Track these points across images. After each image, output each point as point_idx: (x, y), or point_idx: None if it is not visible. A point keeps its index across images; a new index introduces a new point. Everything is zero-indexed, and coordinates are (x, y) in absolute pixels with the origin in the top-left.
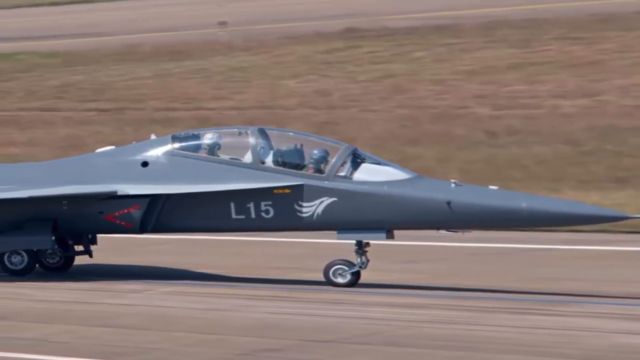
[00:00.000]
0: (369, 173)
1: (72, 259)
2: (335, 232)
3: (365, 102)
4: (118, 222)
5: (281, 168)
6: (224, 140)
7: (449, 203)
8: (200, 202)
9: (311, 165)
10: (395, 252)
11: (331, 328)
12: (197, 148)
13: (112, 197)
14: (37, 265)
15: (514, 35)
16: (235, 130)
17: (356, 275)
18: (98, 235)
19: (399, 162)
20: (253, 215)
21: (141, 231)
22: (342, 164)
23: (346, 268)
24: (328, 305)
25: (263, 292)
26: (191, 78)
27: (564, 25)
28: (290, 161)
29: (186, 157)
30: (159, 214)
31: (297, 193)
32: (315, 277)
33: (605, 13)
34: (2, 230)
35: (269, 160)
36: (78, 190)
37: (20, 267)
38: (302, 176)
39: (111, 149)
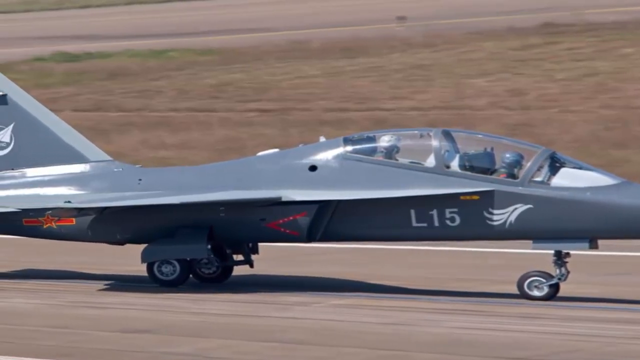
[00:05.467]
0: (570, 178)
1: (231, 269)
2: (530, 242)
3: (564, 102)
4: (282, 230)
5: (469, 173)
6: (403, 143)
7: None
8: (377, 209)
9: (503, 170)
10: (599, 263)
11: (526, 344)
12: (372, 151)
13: (276, 203)
14: (190, 275)
15: None
16: (416, 132)
17: (554, 287)
18: (260, 244)
19: (604, 167)
20: (436, 224)
21: (308, 240)
22: (539, 169)
23: (543, 280)
24: (522, 320)
25: (447, 305)
26: (365, 76)
27: None
28: (479, 165)
29: (360, 160)
30: (329, 221)
31: (487, 199)
32: (507, 289)
33: None
34: (152, 238)
35: (455, 164)
36: (238, 196)
37: (172, 277)
38: (493, 181)
39: (274, 152)
